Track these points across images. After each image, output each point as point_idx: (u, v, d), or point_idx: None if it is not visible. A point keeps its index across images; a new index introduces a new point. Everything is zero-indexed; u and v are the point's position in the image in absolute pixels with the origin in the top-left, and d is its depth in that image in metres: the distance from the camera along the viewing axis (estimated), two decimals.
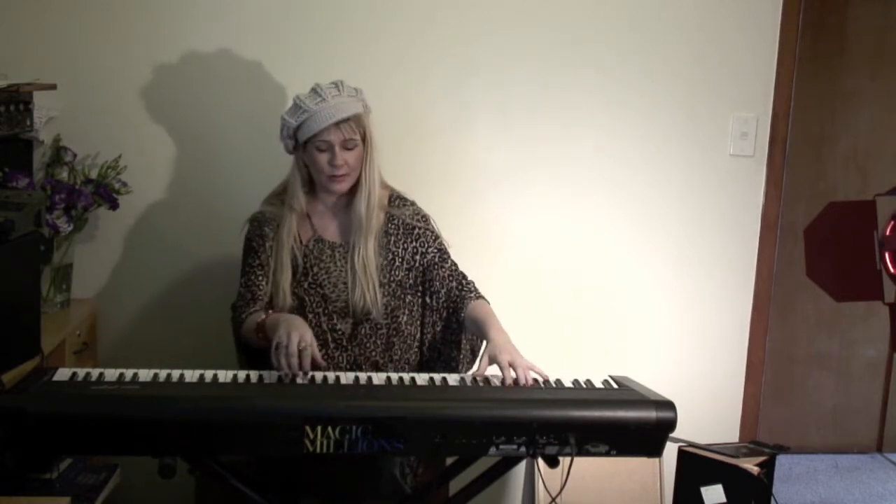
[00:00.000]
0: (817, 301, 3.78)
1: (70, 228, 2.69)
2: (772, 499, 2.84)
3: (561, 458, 2.10)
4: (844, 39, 3.64)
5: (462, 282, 2.55)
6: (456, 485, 2.37)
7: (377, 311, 2.48)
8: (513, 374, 2.22)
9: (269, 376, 2.19)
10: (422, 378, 2.25)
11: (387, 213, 2.53)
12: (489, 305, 2.52)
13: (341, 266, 2.50)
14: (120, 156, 2.81)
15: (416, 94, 2.99)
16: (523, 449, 2.05)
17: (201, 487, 2.62)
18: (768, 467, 2.85)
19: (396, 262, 2.52)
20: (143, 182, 2.88)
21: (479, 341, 2.57)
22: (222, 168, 2.95)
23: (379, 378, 2.24)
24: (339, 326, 2.49)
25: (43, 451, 2.17)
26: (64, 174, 2.75)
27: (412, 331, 2.55)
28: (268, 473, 2.35)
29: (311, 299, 2.48)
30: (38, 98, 2.70)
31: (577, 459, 2.08)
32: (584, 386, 2.27)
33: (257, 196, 2.65)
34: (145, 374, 2.15)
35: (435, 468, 2.50)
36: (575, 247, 3.14)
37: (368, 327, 2.49)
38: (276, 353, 2.18)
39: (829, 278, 3.74)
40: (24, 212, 2.10)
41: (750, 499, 2.80)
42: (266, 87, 2.92)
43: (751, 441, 3.16)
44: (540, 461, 2.13)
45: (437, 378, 2.26)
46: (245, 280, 2.49)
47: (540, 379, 2.26)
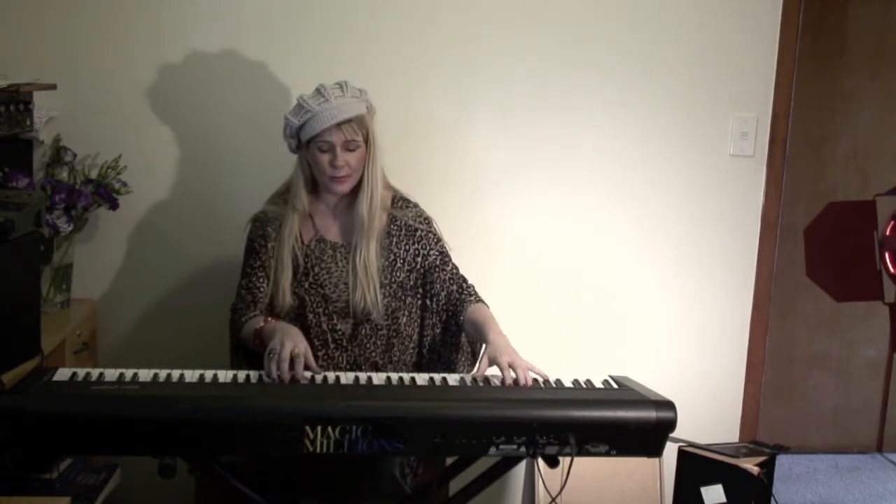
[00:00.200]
0: (817, 301, 3.78)
1: (70, 228, 2.69)
2: (772, 499, 2.84)
3: (561, 458, 2.10)
4: (844, 39, 3.64)
5: (462, 285, 2.55)
6: (456, 485, 2.37)
7: (378, 312, 2.47)
8: (513, 375, 2.22)
9: (266, 376, 2.18)
10: (422, 378, 2.25)
11: (389, 214, 2.53)
12: (488, 309, 2.51)
13: (342, 266, 2.50)
14: (120, 156, 2.81)
15: (416, 94, 2.99)
16: (523, 449, 2.05)
17: (201, 487, 2.62)
18: (768, 467, 2.85)
19: (398, 264, 2.52)
20: (143, 182, 2.88)
21: (479, 345, 2.57)
22: (222, 168, 2.95)
23: (379, 378, 2.24)
24: (339, 327, 2.48)
25: (43, 451, 2.17)
26: (64, 174, 2.75)
27: (412, 332, 2.55)
28: (268, 473, 2.35)
29: (311, 299, 2.48)
30: (38, 98, 2.70)
31: (577, 459, 2.08)
32: (584, 386, 2.27)
33: (257, 196, 2.65)
34: (145, 374, 2.15)
35: (435, 468, 2.50)
36: (575, 247, 3.14)
37: (369, 328, 2.49)
38: (268, 359, 2.18)
39: (829, 278, 3.74)
40: (24, 212, 2.10)
41: (750, 499, 2.80)
42: (266, 87, 2.92)
43: (751, 441, 3.15)
44: (540, 461, 2.13)
45: (437, 378, 2.25)
46: (246, 282, 2.49)
47: (540, 379, 2.26)
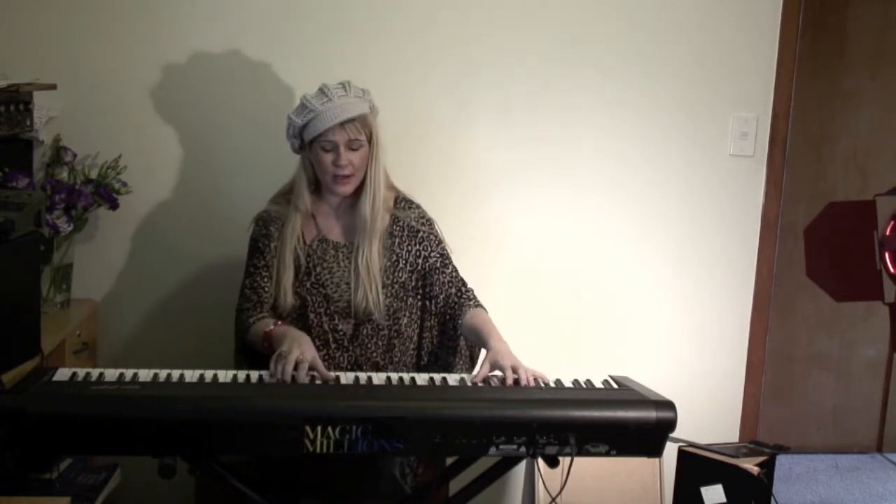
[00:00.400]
0: (817, 301, 3.78)
1: (70, 228, 2.69)
2: (772, 499, 2.84)
3: (561, 458, 2.10)
4: (844, 39, 3.64)
5: (461, 289, 2.55)
6: (456, 485, 2.37)
7: (379, 312, 2.47)
8: (514, 376, 2.22)
9: (270, 376, 2.18)
10: (422, 378, 2.25)
11: (392, 215, 2.53)
12: (488, 314, 2.51)
13: (344, 266, 2.50)
14: (120, 156, 2.81)
15: (416, 94, 2.99)
16: (523, 449, 2.05)
17: (201, 487, 2.62)
18: (768, 467, 2.85)
19: (400, 264, 2.52)
20: (143, 182, 2.88)
21: (477, 349, 2.57)
22: (222, 168, 2.95)
23: (379, 378, 2.24)
24: (340, 327, 2.48)
25: (43, 451, 2.17)
26: (64, 174, 2.75)
27: (412, 333, 2.55)
28: (268, 473, 2.34)
29: (313, 299, 2.48)
30: (38, 98, 2.70)
31: (577, 459, 2.08)
32: (584, 386, 2.27)
33: (257, 196, 2.65)
34: (145, 374, 2.15)
35: (435, 468, 2.50)
36: (575, 247, 3.14)
37: (370, 328, 2.49)
38: (275, 360, 2.18)
39: (829, 278, 3.74)
40: (24, 212, 2.10)
41: (750, 499, 2.80)
42: (266, 87, 2.92)
43: (751, 441, 3.15)
44: (540, 461, 2.13)
45: (437, 378, 2.25)
46: (250, 281, 2.49)
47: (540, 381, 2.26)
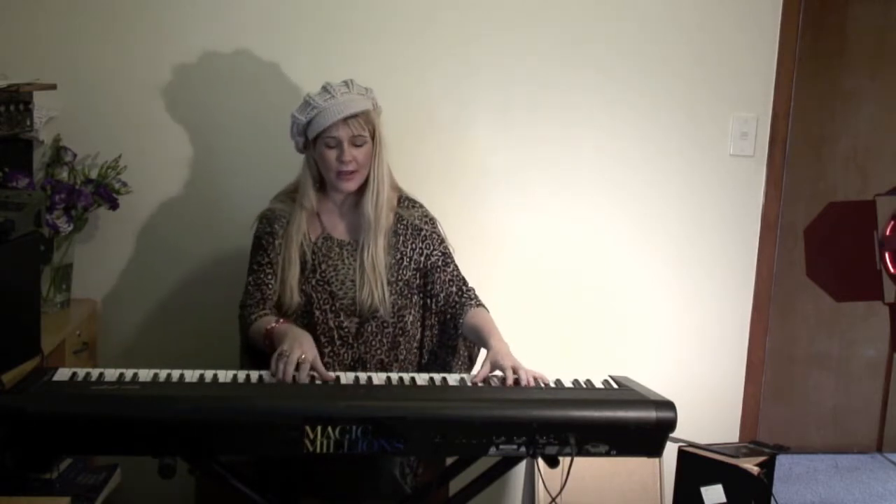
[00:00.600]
0: (817, 301, 3.77)
1: (70, 228, 2.69)
2: (772, 499, 2.84)
3: (561, 458, 2.10)
4: (844, 39, 3.64)
5: (462, 288, 2.55)
6: (456, 485, 2.37)
7: (385, 308, 2.48)
8: (514, 377, 2.22)
9: (270, 376, 2.19)
10: (422, 378, 2.25)
11: (396, 213, 2.54)
12: (489, 314, 2.51)
13: (349, 264, 2.50)
14: (120, 156, 2.81)
15: (416, 94, 2.99)
16: (523, 449, 2.05)
17: (201, 487, 2.62)
18: (768, 467, 2.85)
19: (404, 262, 2.52)
20: (143, 182, 2.88)
21: (476, 349, 2.57)
22: (222, 168, 2.95)
23: (379, 378, 2.24)
24: (345, 324, 2.49)
25: (43, 451, 2.17)
26: (64, 174, 2.75)
27: (416, 332, 2.55)
28: (268, 473, 2.35)
29: (318, 296, 2.48)
30: (38, 98, 2.70)
31: (577, 459, 2.08)
32: (584, 386, 2.27)
33: (257, 196, 2.66)
34: (145, 374, 2.15)
35: (435, 468, 2.50)
36: (575, 247, 3.13)
37: (374, 325, 2.50)
38: (276, 359, 2.18)
39: (829, 278, 3.73)
40: (24, 212, 2.10)
41: (750, 499, 2.80)
42: (266, 87, 2.92)
43: (751, 441, 3.15)
44: (540, 461, 2.13)
45: (437, 378, 2.26)
46: (254, 278, 2.49)
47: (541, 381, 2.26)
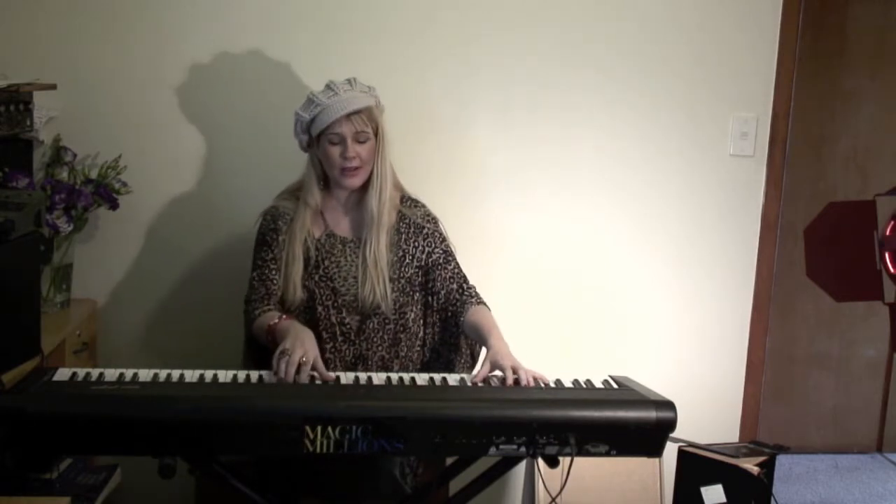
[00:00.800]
0: (817, 301, 3.77)
1: (70, 228, 2.69)
2: (772, 499, 2.84)
3: (561, 458, 2.10)
4: (844, 39, 3.64)
5: (463, 285, 2.56)
6: (456, 485, 2.37)
7: (387, 305, 2.49)
8: (514, 377, 2.22)
9: (269, 376, 2.19)
10: (422, 378, 2.25)
11: (399, 211, 2.55)
12: (490, 313, 2.51)
13: (352, 260, 2.51)
14: (120, 156, 2.81)
15: (416, 94, 2.99)
16: (523, 449, 2.05)
17: (201, 487, 2.62)
18: (768, 467, 2.85)
19: (407, 259, 2.53)
20: (143, 182, 2.88)
21: (478, 347, 2.57)
22: (222, 167, 2.95)
23: (379, 378, 2.24)
24: (347, 320, 2.49)
25: (43, 451, 2.17)
26: (64, 174, 2.75)
27: (418, 329, 2.56)
28: (268, 473, 2.35)
29: (321, 292, 2.49)
30: (38, 98, 2.70)
31: (577, 459, 2.08)
32: (584, 386, 2.27)
33: (257, 196, 2.66)
34: (145, 374, 2.15)
35: (435, 468, 2.50)
36: (575, 247, 3.13)
37: (376, 322, 2.50)
38: (277, 357, 2.19)
39: (829, 278, 3.74)
40: (24, 212, 2.10)
41: (750, 499, 2.80)
42: (266, 87, 2.92)
43: (751, 441, 3.15)
44: (540, 461, 2.13)
45: (437, 378, 2.26)
46: (258, 274, 2.50)
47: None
